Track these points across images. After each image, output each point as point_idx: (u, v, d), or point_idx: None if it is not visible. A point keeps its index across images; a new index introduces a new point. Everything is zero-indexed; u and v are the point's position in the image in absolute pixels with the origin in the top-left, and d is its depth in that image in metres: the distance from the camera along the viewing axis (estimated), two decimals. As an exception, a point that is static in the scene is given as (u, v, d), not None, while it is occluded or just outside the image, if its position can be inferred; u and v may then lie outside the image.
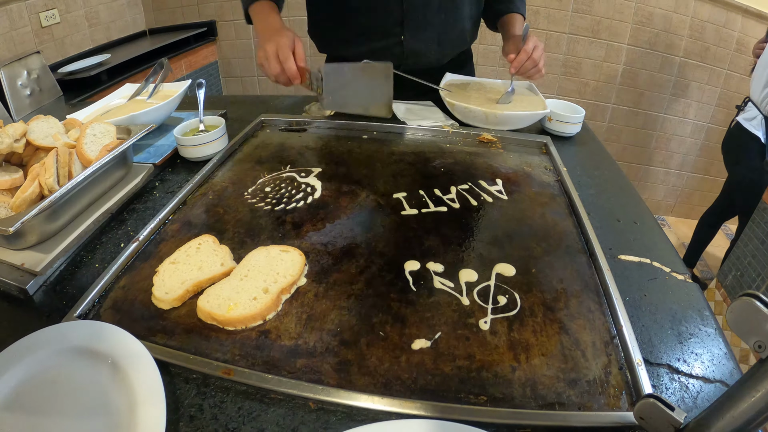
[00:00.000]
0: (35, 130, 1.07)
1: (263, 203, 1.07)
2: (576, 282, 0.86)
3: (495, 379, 0.68)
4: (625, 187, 1.19)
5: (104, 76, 2.50)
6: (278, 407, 0.64)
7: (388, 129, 1.43)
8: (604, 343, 0.74)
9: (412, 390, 0.66)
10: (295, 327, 0.75)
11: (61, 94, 2.13)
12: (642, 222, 1.05)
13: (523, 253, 0.93)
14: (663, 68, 3.33)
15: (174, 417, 0.63)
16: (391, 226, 1.00)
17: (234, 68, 3.81)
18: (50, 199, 0.88)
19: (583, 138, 1.44)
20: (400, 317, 0.78)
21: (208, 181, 1.16)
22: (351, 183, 1.16)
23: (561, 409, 0.64)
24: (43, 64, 2.06)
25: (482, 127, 1.43)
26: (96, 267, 0.90)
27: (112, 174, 1.08)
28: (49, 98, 2.06)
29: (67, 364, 0.67)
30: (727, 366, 0.72)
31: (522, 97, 1.51)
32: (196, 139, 1.21)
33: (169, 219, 1.01)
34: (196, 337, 0.74)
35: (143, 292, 0.82)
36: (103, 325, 0.71)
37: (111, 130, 1.11)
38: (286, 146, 1.34)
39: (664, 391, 0.68)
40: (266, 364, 0.70)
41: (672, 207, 3.93)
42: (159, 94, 1.50)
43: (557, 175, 1.21)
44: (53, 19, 2.58)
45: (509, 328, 0.76)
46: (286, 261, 0.85)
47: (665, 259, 0.93)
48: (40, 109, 1.97)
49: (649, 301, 0.83)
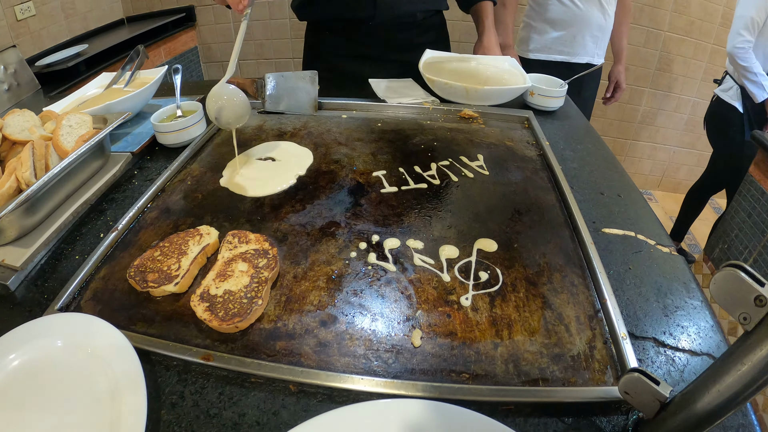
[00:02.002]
0: (11, 124, 1.05)
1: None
2: (559, 256, 0.86)
3: (477, 356, 0.68)
4: (610, 160, 1.19)
5: (82, 67, 2.46)
6: (259, 391, 0.64)
7: (368, 107, 1.42)
8: (588, 318, 0.74)
9: (393, 370, 0.66)
10: (273, 310, 0.75)
11: (39, 87, 2.10)
12: (626, 195, 1.04)
13: (504, 228, 0.92)
14: (648, 42, 3.32)
15: (156, 405, 0.62)
16: (371, 204, 0.99)
17: (214, 53, 3.77)
18: (27, 193, 0.86)
19: (566, 112, 1.43)
20: (380, 296, 0.77)
21: (187, 167, 1.14)
22: (330, 162, 1.15)
23: (545, 385, 0.64)
24: (19, 58, 2.02)
25: (463, 103, 1.42)
26: (76, 259, 0.89)
27: (90, 164, 1.07)
28: (27, 92, 2.03)
29: (50, 358, 0.67)
30: (713, 338, 0.72)
31: (503, 72, 1.50)
32: (173, 125, 1.20)
33: (148, 207, 1.00)
34: (175, 324, 0.73)
35: (123, 282, 0.81)
36: (83, 316, 0.71)
37: (87, 121, 1.10)
38: (265, 128, 1.32)
39: (650, 365, 0.68)
40: (245, 348, 0.69)
41: (659, 181, 3.94)
42: (136, 82, 1.47)
43: (539, 149, 1.20)
44: (29, 11, 2.53)
45: (491, 304, 0.75)
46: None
47: (650, 231, 0.93)
48: (18, 103, 1.94)
49: (633, 274, 0.83)
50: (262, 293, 0.74)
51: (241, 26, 1.06)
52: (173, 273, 0.79)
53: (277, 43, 3.71)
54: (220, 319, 0.70)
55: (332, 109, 1.43)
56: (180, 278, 0.78)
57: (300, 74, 1.39)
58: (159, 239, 0.88)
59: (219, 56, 3.78)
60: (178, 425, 0.60)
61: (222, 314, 0.70)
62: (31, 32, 2.59)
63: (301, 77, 1.38)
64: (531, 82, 1.39)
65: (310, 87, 1.39)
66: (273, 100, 1.39)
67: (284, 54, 3.76)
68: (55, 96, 2.00)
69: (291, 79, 1.40)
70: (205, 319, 0.70)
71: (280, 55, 3.77)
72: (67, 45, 2.70)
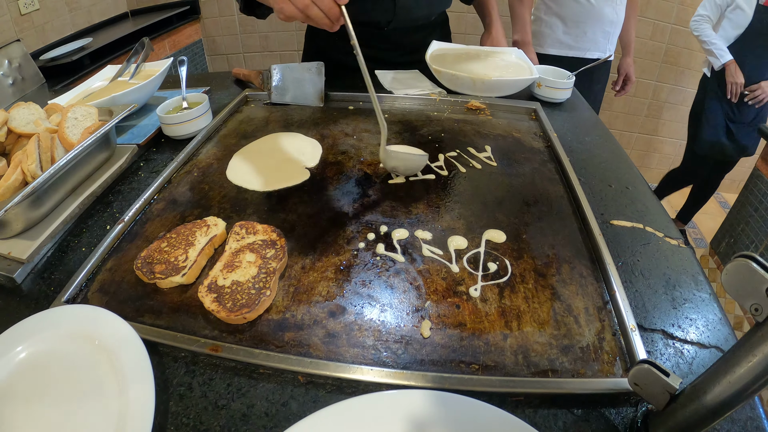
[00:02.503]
0: (16, 117, 1.05)
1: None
2: (568, 247, 0.85)
3: (486, 347, 0.67)
4: (617, 152, 1.18)
5: (86, 60, 2.45)
6: (267, 382, 0.64)
7: (375, 99, 1.41)
8: (597, 309, 0.73)
9: (402, 361, 0.66)
10: (282, 300, 0.74)
11: (43, 81, 2.09)
12: (634, 187, 1.03)
13: (513, 219, 0.92)
14: (654, 35, 3.30)
15: (164, 396, 0.62)
16: (379, 195, 0.99)
17: (219, 46, 3.76)
18: (33, 185, 0.86)
19: (573, 104, 1.42)
20: (389, 287, 0.77)
21: (193, 158, 1.14)
22: (337, 153, 1.14)
23: (554, 376, 0.64)
24: (24, 53, 2.02)
25: (470, 94, 1.41)
26: (83, 251, 0.89)
27: (96, 156, 1.06)
28: (32, 86, 2.03)
29: (57, 350, 0.66)
30: (722, 331, 0.71)
31: (511, 64, 1.49)
32: (179, 117, 1.19)
33: (155, 198, 0.99)
34: (183, 316, 0.73)
35: (130, 273, 0.80)
36: (90, 308, 0.70)
37: (92, 113, 1.10)
38: (271, 120, 1.32)
39: (658, 357, 0.67)
40: (253, 339, 0.69)
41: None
42: (141, 74, 1.47)
43: (547, 141, 1.19)
44: (32, 6, 2.52)
45: (500, 295, 0.75)
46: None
47: (658, 224, 0.93)
48: (23, 97, 1.93)
49: (642, 266, 0.82)
50: (270, 284, 0.74)
51: (359, 62, 0.90)
52: (180, 264, 0.78)
53: (282, 35, 3.70)
54: (228, 310, 0.69)
55: (339, 101, 1.42)
56: (187, 269, 0.77)
57: (306, 65, 1.38)
58: (166, 230, 0.87)
59: (224, 49, 3.77)
60: (186, 416, 0.60)
61: (230, 305, 0.70)
62: (35, 26, 2.58)
63: (307, 68, 1.38)
64: (538, 74, 1.38)
65: (316, 78, 1.38)
66: (279, 91, 1.39)
67: (289, 47, 3.75)
68: (59, 90, 2.00)
69: (297, 70, 1.39)
70: (212, 310, 0.70)
71: (285, 47, 3.76)
72: (71, 39, 2.70)
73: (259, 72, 1.45)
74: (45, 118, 1.10)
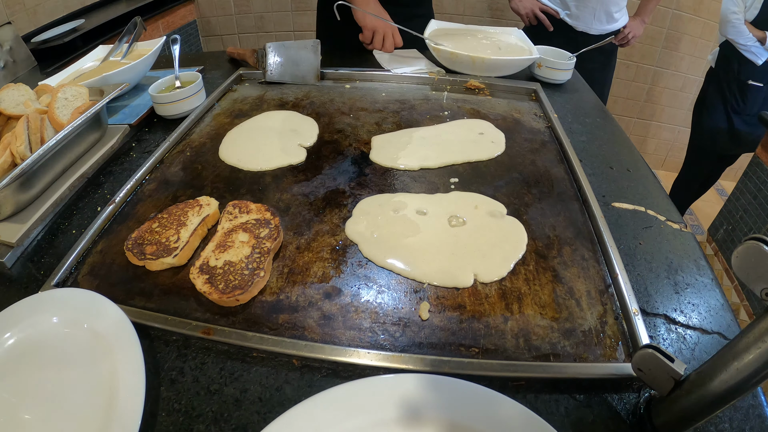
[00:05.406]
0: (5, 99, 1.03)
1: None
2: (569, 229, 0.83)
3: (487, 330, 0.66)
4: (618, 134, 1.16)
5: (79, 41, 2.40)
6: (261, 366, 0.62)
7: (372, 77, 1.40)
8: (599, 292, 0.72)
9: (400, 344, 0.64)
10: (276, 282, 0.73)
11: (35, 64, 2.06)
12: (636, 170, 1.02)
13: (513, 199, 0.90)
14: (655, 20, 3.26)
15: (155, 381, 0.61)
16: (376, 174, 0.98)
17: (213, 27, 3.70)
18: (21, 167, 0.84)
19: (573, 85, 1.41)
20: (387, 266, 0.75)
21: (186, 138, 1.12)
22: (333, 132, 1.13)
23: (556, 361, 0.63)
24: (15, 35, 1.98)
25: (469, 73, 1.39)
26: (73, 233, 0.87)
27: (86, 137, 1.04)
28: (24, 69, 1.99)
29: (46, 335, 0.65)
30: (724, 317, 0.70)
31: (510, 45, 1.46)
32: (171, 96, 1.17)
33: (146, 179, 0.98)
34: (174, 298, 0.71)
35: (121, 255, 0.79)
36: (80, 291, 0.69)
37: (83, 93, 1.08)
38: (266, 99, 1.30)
39: (661, 342, 0.66)
40: (247, 322, 0.67)
41: (663, 161, 3.90)
42: (133, 54, 1.44)
43: (547, 121, 1.17)
44: (24, -13, 2.48)
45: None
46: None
47: (660, 207, 0.91)
48: (15, 80, 1.89)
49: (644, 249, 0.81)
50: (264, 265, 0.72)
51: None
52: (172, 245, 0.76)
53: (277, 15, 3.64)
54: (220, 292, 0.68)
55: (335, 79, 1.40)
56: (179, 250, 0.76)
57: (302, 43, 1.37)
58: (157, 211, 0.85)
59: (218, 30, 3.72)
60: (177, 402, 0.59)
61: (222, 287, 0.68)
62: (26, 8, 2.53)
63: (303, 46, 1.37)
64: (539, 54, 1.36)
65: (312, 56, 1.37)
66: (274, 70, 1.37)
67: (285, 27, 3.70)
68: (51, 72, 1.97)
69: (293, 48, 1.38)
70: (204, 291, 0.68)
71: (280, 28, 3.70)
72: (63, 21, 2.66)
73: (254, 50, 1.43)
74: (35, 99, 1.08)
